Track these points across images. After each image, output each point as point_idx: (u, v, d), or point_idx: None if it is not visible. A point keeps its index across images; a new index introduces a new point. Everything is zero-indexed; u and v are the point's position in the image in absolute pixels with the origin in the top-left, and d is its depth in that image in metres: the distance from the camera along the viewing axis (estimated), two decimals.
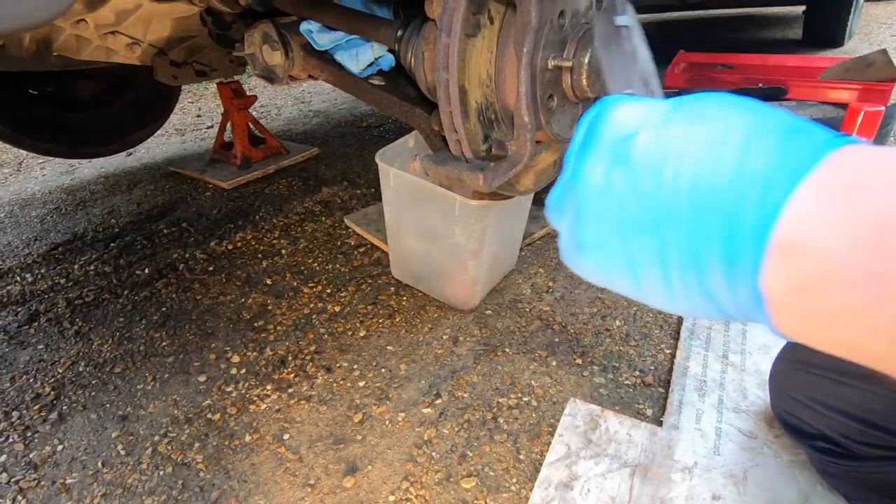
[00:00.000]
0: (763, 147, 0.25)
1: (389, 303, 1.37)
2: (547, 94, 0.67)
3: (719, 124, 0.27)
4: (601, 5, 0.53)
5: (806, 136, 0.25)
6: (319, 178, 2.22)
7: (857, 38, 4.25)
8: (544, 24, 0.62)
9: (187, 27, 1.11)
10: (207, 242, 1.76)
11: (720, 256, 0.26)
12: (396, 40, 0.88)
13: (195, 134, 3.12)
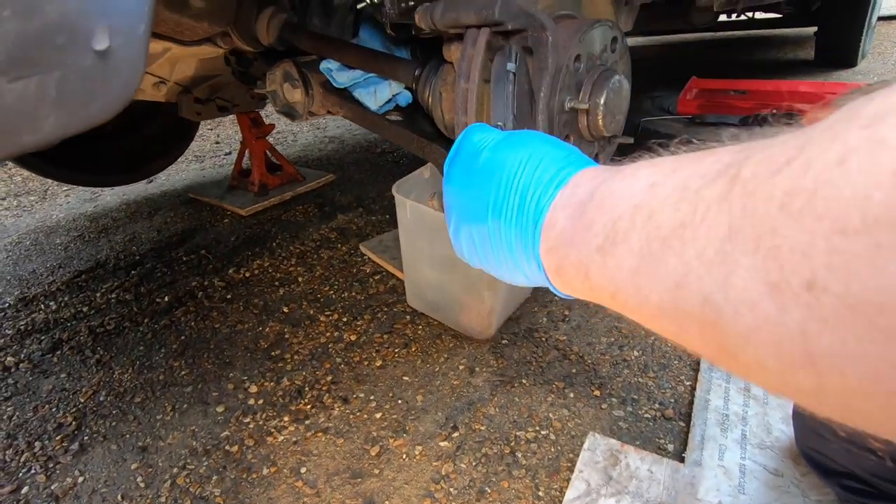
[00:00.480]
0: (544, 169, 0.39)
1: (405, 332, 1.37)
2: (564, 134, 0.68)
3: (524, 153, 0.41)
4: (493, 54, 0.60)
5: (564, 163, 0.39)
6: (335, 204, 2.25)
7: (871, 57, 4.24)
8: (560, 69, 0.63)
9: (212, 67, 1.15)
10: (225, 270, 1.78)
11: (519, 239, 0.39)
12: (414, 79, 0.90)
13: (214, 161, 3.20)
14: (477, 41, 0.60)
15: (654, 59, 4.86)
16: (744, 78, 3.86)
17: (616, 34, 0.72)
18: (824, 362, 0.19)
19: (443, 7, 0.62)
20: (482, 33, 0.60)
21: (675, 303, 0.25)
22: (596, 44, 0.68)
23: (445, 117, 0.82)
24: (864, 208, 0.17)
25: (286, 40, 1.10)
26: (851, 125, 0.19)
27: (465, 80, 0.62)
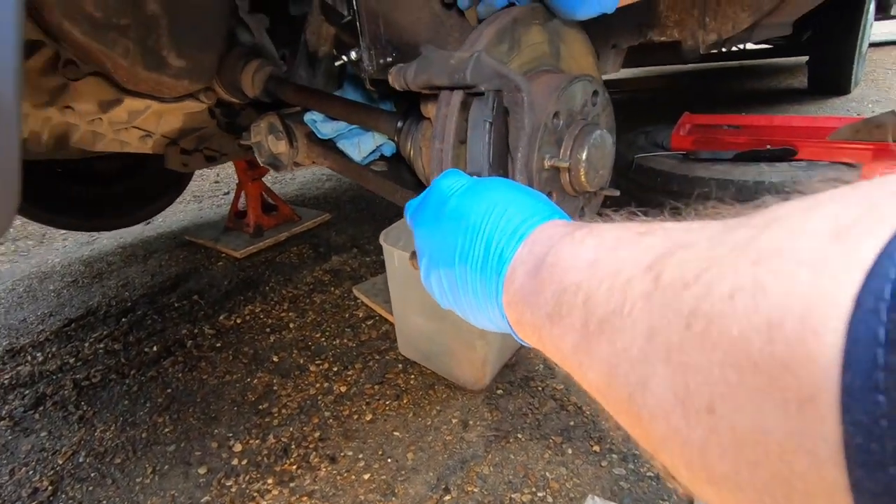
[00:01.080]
0: (508, 219, 0.40)
1: (397, 382, 1.33)
2: (546, 191, 0.66)
3: (491, 200, 0.42)
4: (465, 108, 0.60)
5: (529, 213, 0.40)
6: (330, 244, 2.24)
7: (864, 84, 4.27)
8: (538, 128, 0.61)
9: (198, 119, 1.15)
10: (217, 316, 1.75)
11: (483, 287, 0.40)
12: (396, 131, 0.89)
13: (212, 201, 3.21)
14: (450, 103, 0.58)
15: (646, 91, 4.92)
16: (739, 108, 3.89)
17: (597, 87, 0.70)
18: (724, 485, 0.19)
19: (415, 69, 0.60)
20: (455, 95, 0.58)
21: (608, 389, 0.26)
22: (576, 99, 0.66)
23: (426, 171, 0.80)
24: (747, 350, 0.18)
25: (271, 92, 1.10)
26: (745, 257, 0.19)
27: (439, 140, 0.60)
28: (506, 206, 0.41)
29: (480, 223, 0.41)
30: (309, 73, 1.13)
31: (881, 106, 3.57)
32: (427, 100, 0.72)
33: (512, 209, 0.41)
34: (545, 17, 0.67)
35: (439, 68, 0.58)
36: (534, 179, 0.63)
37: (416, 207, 0.52)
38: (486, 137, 0.57)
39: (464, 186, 0.47)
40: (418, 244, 0.50)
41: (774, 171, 1.55)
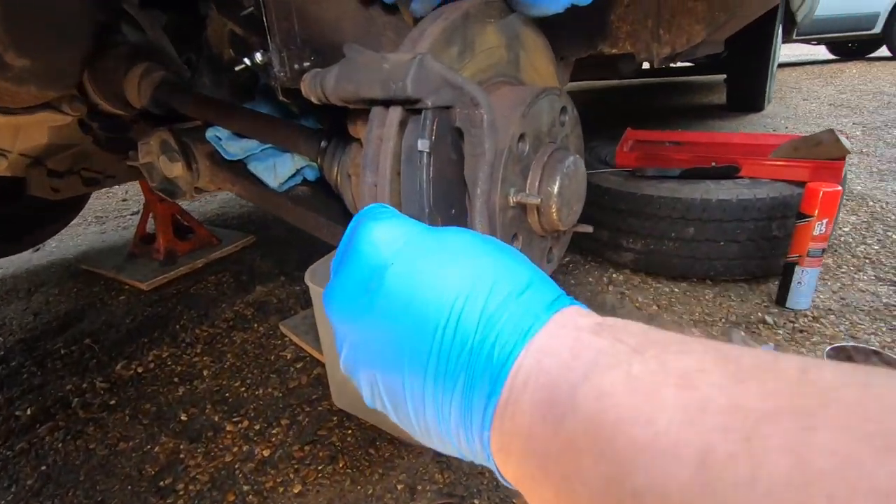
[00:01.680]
0: (497, 309, 0.27)
1: (331, 440, 1.14)
2: (510, 234, 0.52)
3: (460, 273, 0.29)
4: (404, 128, 0.44)
5: (525, 298, 0.28)
6: (254, 272, 2.00)
7: (775, 102, 4.57)
8: (501, 154, 0.47)
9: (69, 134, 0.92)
10: (112, 365, 1.48)
11: (457, 411, 0.28)
12: (319, 153, 0.72)
13: (117, 222, 2.85)
14: (386, 123, 0.43)
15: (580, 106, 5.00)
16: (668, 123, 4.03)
17: (565, 103, 0.58)
18: None
19: (336, 75, 0.45)
20: (392, 112, 0.43)
21: None
22: (543, 117, 0.54)
23: (358, 206, 0.64)
24: None
25: (163, 103, 0.90)
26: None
27: (371, 171, 0.45)
28: (487, 283, 0.28)
29: (449, 312, 0.28)
30: (213, 80, 0.94)
31: (792, 122, 3.82)
32: (356, 116, 0.56)
33: (498, 289, 0.28)
34: (501, 14, 0.54)
35: (369, 75, 0.43)
36: (496, 221, 0.49)
37: (334, 274, 0.36)
38: (424, 173, 0.43)
39: (409, 242, 0.32)
40: (334, 319, 0.35)
41: (720, 188, 1.52)
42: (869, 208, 2.11)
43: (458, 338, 0.27)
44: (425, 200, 0.43)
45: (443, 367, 0.28)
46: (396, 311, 0.30)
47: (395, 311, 0.30)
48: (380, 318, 0.30)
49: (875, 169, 2.59)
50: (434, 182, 0.43)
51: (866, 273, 1.62)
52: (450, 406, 0.28)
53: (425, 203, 0.42)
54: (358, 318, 0.32)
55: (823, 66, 6.54)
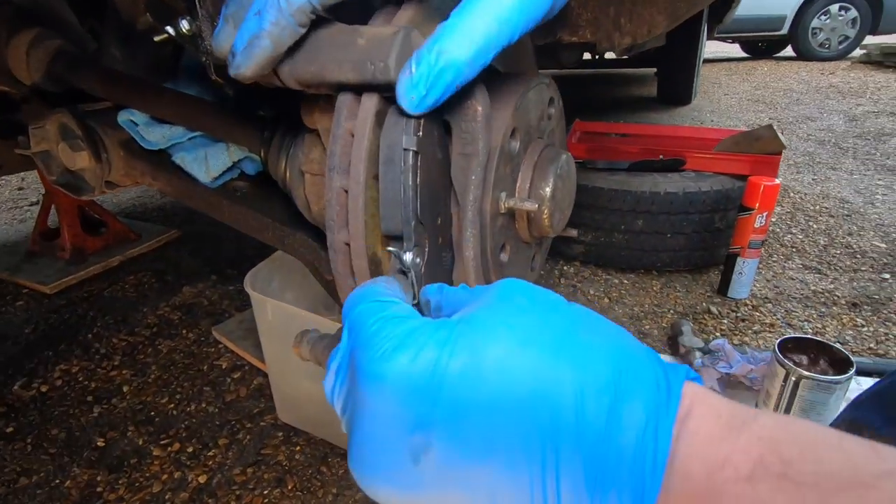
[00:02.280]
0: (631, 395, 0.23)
1: (278, 458, 1.03)
2: (499, 245, 0.45)
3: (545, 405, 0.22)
4: (381, 120, 0.36)
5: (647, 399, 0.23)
6: (180, 270, 1.80)
7: (700, 96, 4.82)
8: (494, 153, 0.40)
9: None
10: (9, 384, 1.27)
11: None
12: (262, 143, 0.62)
13: (12, 214, 2.49)
14: (359, 115, 0.35)
15: None
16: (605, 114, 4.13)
17: (553, 93, 0.52)
18: None
19: (297, 54, 0.35)
20: (368, 102, 0.35)
21: None
22: (532, 110, 0.47)
23: (313, 209, 0.54)
24: None
25: (62, 79, 0.74)
26: None
27: (340, 174, 0.36)
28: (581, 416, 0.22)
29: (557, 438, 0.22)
30: (125, 53, 0.79)
31: (716, 115, 4.04)
32: (313, 102, 0.46)
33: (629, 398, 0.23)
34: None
35: (338, 54, 0.34)
36: (487, 231, 0.42)
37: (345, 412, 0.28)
38: (411, 173, 0.34)
39: (451, 374, 0.23)
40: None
41: (667, 181, 1.55)
42: (790, 199, 2.25)
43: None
44: (411, 210, 0.35)
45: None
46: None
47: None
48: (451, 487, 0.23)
49: (791, 162, 2.78)
50: (420, 187, 0.35)
51: (794, 262, 1.72)
52: None
53: (411, 214, 0.35)
54: (416, 491, 0.24)
55: (739, 64, 7.00)
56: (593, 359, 0.23)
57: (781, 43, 7.16)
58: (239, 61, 0.35)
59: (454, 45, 0.29)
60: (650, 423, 0.22)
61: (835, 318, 1.42)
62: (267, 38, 0.33)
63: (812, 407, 0.95)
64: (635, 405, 0.22)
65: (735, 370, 1.09)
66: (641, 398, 0.22)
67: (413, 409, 0.23)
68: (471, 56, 0.30)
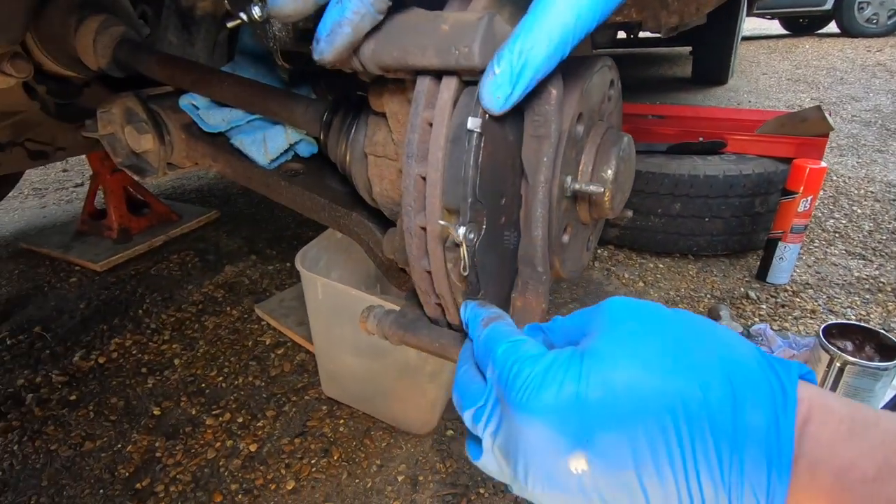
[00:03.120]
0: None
1: (323, 430, 1.08)
2: (563, 226, 0.46)
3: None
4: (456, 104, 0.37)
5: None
6: (221, 250, 1.87)
7: (737, 75, 4.66)
8: (563, 137, 0.41)
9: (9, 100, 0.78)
10: (69, 356, 1.35)
11: None
12: (322, 127, 0.64)
13: (59, 195, 2.60)
14: (438, 102, 0.36)
15: None
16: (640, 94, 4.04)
17: (614, 75, 0.52)
18: None
19: (377, 37, 0.37)
20: (446, 89, 0.36)
21: None
22: (594, 94, 0.48)
23: (375, 190, 0.56)
24: None
25: (126, 64, 0.77)
26: None
27: (418, 160, 0.38)
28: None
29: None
30: (183, 38, 0.82)
31: (754, 96, 3.90)
32: (381, 86, 0.48)
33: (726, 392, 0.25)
34: None
35: (422, 39, 0.35)
36: (553, 214, 0.43)
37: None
38: (473, 157, 0.36)
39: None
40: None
41: (707, 164, 1.52)
42: (833, 183, 2.18)
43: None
44: (469, 188, 0.36)
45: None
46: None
47: None
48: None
49: (835, 144, 2.68)
50: (483, 167, 0.37)
51: (837, 247, 1.68)
52: None
53: (469, 191, 0.36)
54: (581, 494, 0.27)
55: (778, 41, 6.71)
56: (709, 372, 0.26)
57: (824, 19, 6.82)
58: (322, 47, 0.37)
59: (534, 44, 0.31)
60: (771, 428, 0.24)
61: (880, 305, 1.39)
62: (348, 26, 0.35)
63: (857, 393, 0.94)
64: (755, 413, 0.24)
65: (777, 355, 1.08)
66: (760, 405, 0.24)
67: (565, 434, 0.27)
68: (550, 52, 0.31)
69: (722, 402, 0.25)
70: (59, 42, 0.76)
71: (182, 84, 0.74)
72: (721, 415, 0.24)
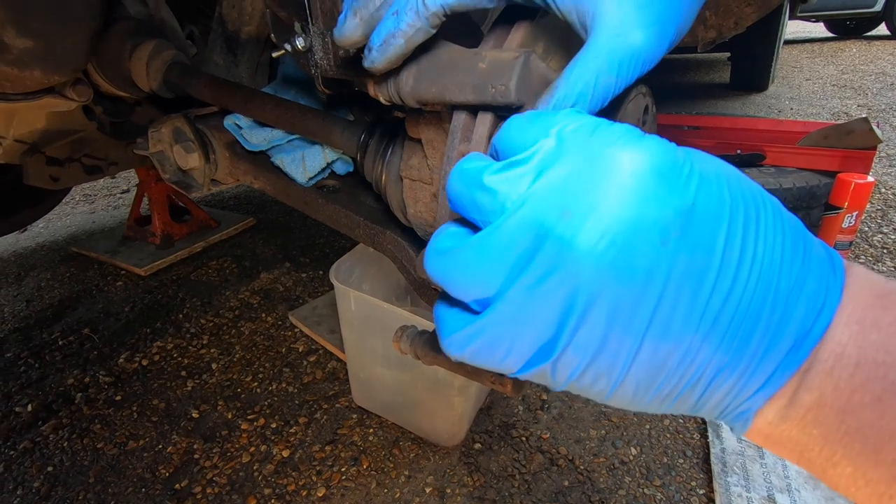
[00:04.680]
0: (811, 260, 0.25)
1: (353, 439, 1.10)
2: None
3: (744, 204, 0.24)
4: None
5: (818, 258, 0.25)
6: (257, 257, 1.93)
7: (777, 81, 4.51)
8: None
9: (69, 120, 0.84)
10: (115, 357, 1.41)
11: (743, 373, 0.24)
12: (359, 148, 0.66)
13: (107, 201, 2.73)
14: (474, 138, 0.37)
15: None
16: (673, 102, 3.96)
17: (648, 102, 0.52)
18: None
19: (416, 74, 0.38)
20: (482, 125, 0.37)
21: None
22: (629, 118, 0.48)
23: (409, 211, 0.58)
24: None
25: (175, 86, 0.82)
26: None
27: None
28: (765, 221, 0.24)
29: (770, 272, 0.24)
30: (228, 60, 0.86)
31: (797, 103, 3.77)
32: (418, 115, 0.49)
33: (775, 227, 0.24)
34: None
35: (460, 76, 0.37)
36: None
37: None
38: None
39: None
40: (589, 290, 0.24)
41: None
42: (881, 195, 2.09)
43: (763, 303, 0.24)
44: None
45: (743, 333, 0.24)
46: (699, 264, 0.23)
47: (697, 264, 0.23)
48: (682, 274, 0.23)
49: (883, 154, 2.57)
50: None
51: (885, 264, 1.61)
52: (730, 377, 0.25)
53: None
54: (651, 274, 0.23)
55: (823, 45, 6.47)
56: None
57: (873, 20, 6.54)
58: (374, 56, 0.38)
59: (573, 99, 0.31)
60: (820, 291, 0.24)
61: None
62: (402, 38, 0.36)
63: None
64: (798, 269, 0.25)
65: None
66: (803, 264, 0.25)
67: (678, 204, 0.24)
68: (589, 108, 0.31)
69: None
70: (114, 66, 0.81)
71: (227, 105, 0.78)
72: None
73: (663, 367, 0.24)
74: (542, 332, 0.24)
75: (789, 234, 0.25)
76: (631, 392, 0.26)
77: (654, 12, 0.29)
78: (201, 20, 1.13)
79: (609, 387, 0.25)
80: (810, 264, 0.24)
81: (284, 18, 0.55)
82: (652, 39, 0.29)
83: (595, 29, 0.30)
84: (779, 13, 3.62)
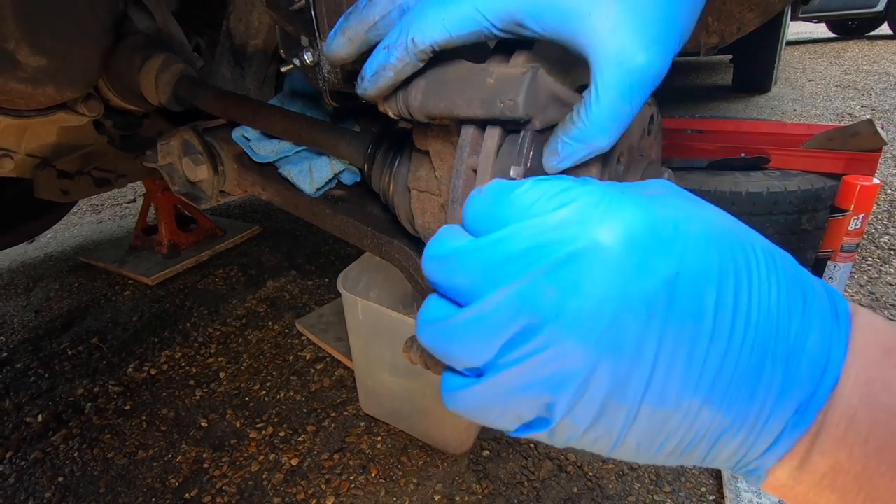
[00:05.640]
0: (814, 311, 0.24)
1: (361, 447, 1.10)
2: None
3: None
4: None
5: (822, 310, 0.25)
6: (263, 265, 1.94)
7: (780, 82, 4.51)
8: (603, 178, 0.42)
9: (80, 134, 0.85)
10: (124, 367, 1.42)
11: (754, 431, 0.24)
12: (366, 159, 0.66)
13: (114, 211, 2.75)
14: (482, 152, 0.38)
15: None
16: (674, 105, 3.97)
17: (653, 111, 0.53)
18: None
19: (425, 90, 0.39)
20: (490, 139, 0.38)
21: None
22: (633, 132, 0.48)
23: (417, 222, 0.58)
24: None
25: (184, 98, 0.83)
26: None
27: (461, 205, 0.39)
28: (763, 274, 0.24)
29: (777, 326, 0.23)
30: (235, 73, 0.87)
31: (800, 104, 3.77)
32: (426, 128, 0.50)
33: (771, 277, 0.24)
34: None
35: (468, 91, 0.37)
36: None
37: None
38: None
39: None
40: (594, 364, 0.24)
41: (749, 180, 1.48)
42: (888, 196, 2.08)
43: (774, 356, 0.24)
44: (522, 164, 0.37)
45: (751, 392, 0.23)
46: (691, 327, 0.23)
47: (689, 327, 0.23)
48: (675, 339, 0.23)
49: (889, 154, 2.56)
50: None
51: (892, 265, 1.60)
52: (741, 434, 0.25)
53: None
54: (634, 348, 0.23)
55: (825, 45, 6.46)
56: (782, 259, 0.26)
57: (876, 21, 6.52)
58: (366, 85, 0.39)
59: (594, 134, 0.31)
60: (824, 342, 0.24)
61: None
62: (391, 71, 0.37)
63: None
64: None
65: None
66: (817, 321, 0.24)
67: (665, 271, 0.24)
68: (610, 140, 0.32)
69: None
70: (124, 80, 0.82)
71: (235, 117, 0.79)
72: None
73: (663, 428, 0.24)
74: (532, 406, 0.24)
75: (784, 286, 0.24)
76: (633, 450, 0.26)
77: (654, 31, 0.29)
78: (208, 33, 1.14)
79: (609, 447, 0.26)
80: (811, 317, 0.24)
81: (292, 33, 0.56)
82: (656, 59, 0.30)
83: (597, 63, 0.30)
84: (781, 15, 3.63)
